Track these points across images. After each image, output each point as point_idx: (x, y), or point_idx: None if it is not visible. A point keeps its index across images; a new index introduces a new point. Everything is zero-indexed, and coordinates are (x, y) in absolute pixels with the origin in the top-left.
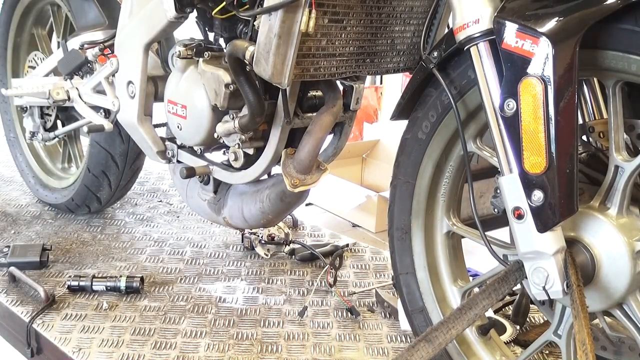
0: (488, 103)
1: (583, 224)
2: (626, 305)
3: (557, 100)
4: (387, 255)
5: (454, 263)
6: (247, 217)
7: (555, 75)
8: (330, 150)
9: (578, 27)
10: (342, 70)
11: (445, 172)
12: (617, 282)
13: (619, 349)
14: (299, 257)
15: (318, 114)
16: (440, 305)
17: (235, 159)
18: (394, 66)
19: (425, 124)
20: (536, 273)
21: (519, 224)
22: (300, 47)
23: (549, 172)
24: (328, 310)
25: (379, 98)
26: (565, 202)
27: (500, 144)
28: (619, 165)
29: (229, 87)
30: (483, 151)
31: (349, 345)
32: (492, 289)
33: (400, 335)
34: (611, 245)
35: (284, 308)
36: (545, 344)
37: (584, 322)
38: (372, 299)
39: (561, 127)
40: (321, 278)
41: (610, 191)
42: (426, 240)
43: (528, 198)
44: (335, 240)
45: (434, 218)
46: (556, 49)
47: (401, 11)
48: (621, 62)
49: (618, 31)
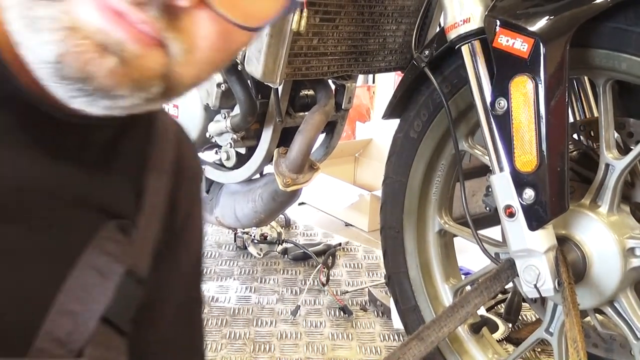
0: (479, 102)
1: (574, 222)
2: (617, 302)
3: (548, 99)
4: (379, 254)
5: (446, 261)
6: (239, 217)
7: (545, 73)
8: (323, 150)
9: (568, 25)
10: (334, 69)
11: (437, 171)
12: (608, 279)
13: (610, 346)
14: (291, 256)
15: (310, 113)
16: (433, 303)
17: (227, 159)
18: (385, 65)
19: (417, 122)
20: (528, 271)
21: (510, 222)
22: (292, 46)
23: (539, 170)
24: (321, 309)
25: (372, 97)
26: (556, 200)
27: (491, 142)
28: (610, 164)
29: (220, 86)
30: (474, 150)
31: (341, 344)
32: (484, 287)
33: (392, 333)
34: (602, 243)
35: (277, 307)
36: (537, 341)
37: (575, 320)
38: (364, 298)
39: (552, 125)
40: (314, 277)
41: (601, 189)
42: (418, 239)
43: (519, 196)
44: (328, 239)
45: (426, 217)
46: (547, 48)
47: (393, 10)
48: (611, 61)
49: (608, 30)
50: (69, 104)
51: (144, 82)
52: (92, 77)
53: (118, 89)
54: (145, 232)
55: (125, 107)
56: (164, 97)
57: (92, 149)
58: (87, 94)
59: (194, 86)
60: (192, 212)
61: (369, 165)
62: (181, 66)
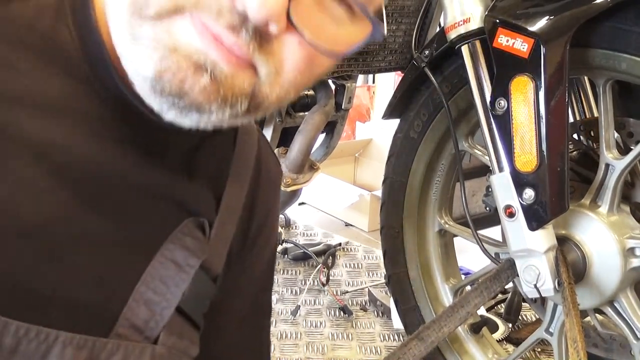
0: (479, 102)
1: (574, 222)
2: (617, 302)
3: (548, 99)
4: (379, 254)
5: (446, 261)
6: None
7: (545, 73)
8: (323, 150)
9: (568, 25)
10: (334, 69)
11: (437, 171)
12: (608, 279)
13: (610, 346)
14: (291, 256)
15: (310, 113)
16: (433, 303)
17: None
18: (385, 65)
19: (417, 122)
20: (528, 271)
21: (510, 222)
22: None
23: (539, 170)
24: (321, 310)
25: (372, 97)
26: (556, 200)
27: (491, 142)
28: (610, 164)
29: None
30: (474, 150)
31: (341, 344)
32: (484, 287)
33: (392, 333)
34: (602, 243)
35: (277, 307)
36: (537, 341)
37: (575, 320)
38: (364, 298)
39: (552, 125)
40: (314, 277)
41: (601, 189)
42: (418, 239)
43: (519, 196)
44: (328, 239)
45: (426, 217)
46: (547, 48)
47: (392, 10)
48: (611, 61)
49: (608, 30)
50: (162, 115)
51: (233, 99)
52: (186, 93)
53: (208, 105)
54: (221, 232)
55: (212, 122)
56: (249, 114)
57: (178, 152)
58: (180, 108)
59: (277, 105)
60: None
61: (369, 165)
62: (267, 86)
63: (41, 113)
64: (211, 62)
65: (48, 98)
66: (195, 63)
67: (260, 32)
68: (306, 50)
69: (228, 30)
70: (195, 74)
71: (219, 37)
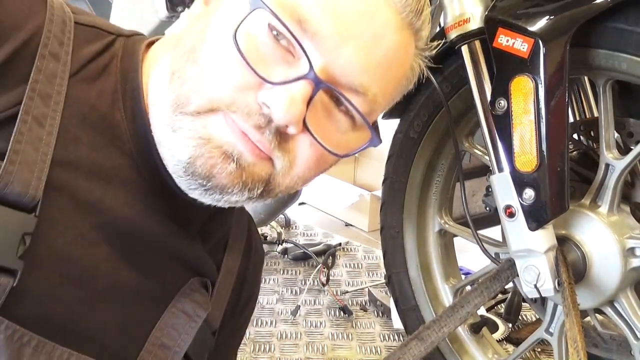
0: (479, 102)
1: (574, 222)
2: (617, 302)
3: (548, 99)
4: (379, 254)
5: (446, 261)
6: None
7: (545, 73)
8: None
9: (568, 25)
10: None
11: (437, 171)
12: (608, 279)
13: (610, 346)
14: (291, 256)
15: None
16: (433, 303)
17: None
18: None
19: (417, 122)
20: (528, 271)
21: (510, 222)
22: None
23: (540, 170)
24: (321, 310)
25: None
26: (556, 200)
27: (491, 142)
28: (610, 164)
29: None
30: (474, 150)
31: (341, 344)
32: (484, 287)
33: (392, 333)
34: (602, 243)
35: (277, 307)
36: (537, 341)
37: (575, 320)
38: (364, 298)
39: (552, 125)
40: (314, 277)
41: (601, 189)
42: (418, 239)
43: (519, 196)
44: (328, 239)
45: (426, 216)
46: (547, 48)
47: None
48: (611, 61)
49: (608, 30)
50: (188, 193)
51: (252, 184)
52: (214, 176)
53: (232, 188)
54: (221, 293)
55: (231, 201)
56: (261, 197)
57: (197, 222)
58: (205, 189)
59: (286, 192)
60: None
61: (369, 165)
62: (281, 177)
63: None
64: (238, 152)
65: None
66: (225, 152)
67: (280, 132)
68: (315, 150)
69: (255, 128)
70: (224, 161)
71: (247, 134)
